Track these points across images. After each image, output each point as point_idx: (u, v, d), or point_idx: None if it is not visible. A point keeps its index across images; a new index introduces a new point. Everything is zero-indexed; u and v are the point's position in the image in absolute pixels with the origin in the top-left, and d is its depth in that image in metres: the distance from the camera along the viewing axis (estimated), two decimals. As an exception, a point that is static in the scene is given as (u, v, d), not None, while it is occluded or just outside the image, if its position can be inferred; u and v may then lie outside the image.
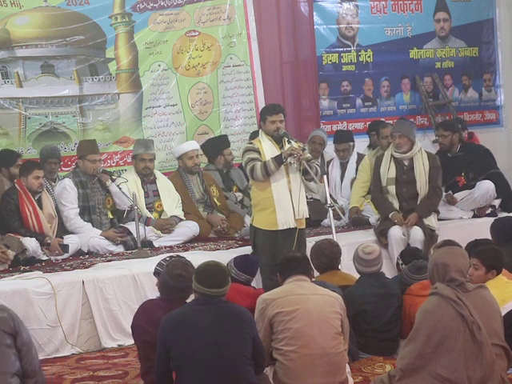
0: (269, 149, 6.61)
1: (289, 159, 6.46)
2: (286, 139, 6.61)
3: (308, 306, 4.59)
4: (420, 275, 5.59)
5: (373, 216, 8.05)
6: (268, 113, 6.68)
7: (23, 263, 6.85)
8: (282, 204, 6.54)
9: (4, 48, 8.02)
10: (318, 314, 4.59)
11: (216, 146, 8.56)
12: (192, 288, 4.41)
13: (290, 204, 6.55)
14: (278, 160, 6.48)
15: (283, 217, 6.54)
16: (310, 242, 6.60)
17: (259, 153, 6.59)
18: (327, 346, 4.55)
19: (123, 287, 6.54)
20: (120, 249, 7.49)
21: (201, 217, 8.08)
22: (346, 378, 4.71)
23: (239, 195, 8.46)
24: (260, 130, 6.81)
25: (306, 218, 6.78)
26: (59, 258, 7.14)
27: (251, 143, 6.77)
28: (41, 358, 6.06)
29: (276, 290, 4.77)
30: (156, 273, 5.21)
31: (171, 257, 5.30)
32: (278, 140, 6.65)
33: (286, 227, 6.55)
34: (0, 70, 8.03)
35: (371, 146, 8.90)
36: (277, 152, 6.56)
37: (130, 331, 6.20)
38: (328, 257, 5.73)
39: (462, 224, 8.21)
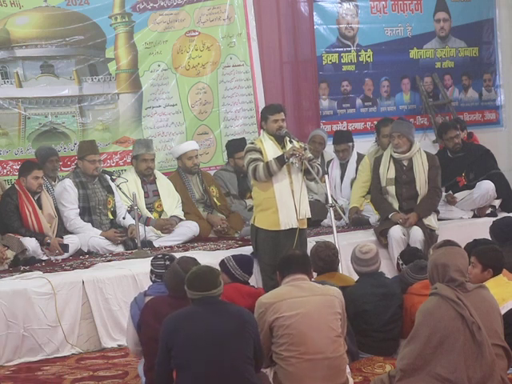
0: (271, 149, 6.60)
1: (291, 159, 6.46)
2: (288, 139, 6.61)
3: (308, 310, 4.55)
4: (422, 275, 5.57)
5: (373, 216, 8.05)
6: (270, 112, 6.67)
7: (23, 263, 6.85)
8: (285, 204, 6.54)
9: (4, 48, 8.02)
10: (318, 317, 4.56)
11: (230, 148, 8.55)
12: None
13: (293, 204, 6.54)
14: (281, 160, 6.47)
15: (286, 217, 6.54)
16: (310, 242, 6.61)
17: (261, 153, 6.59)
18: (327, 350, 4.53)
19: (123, 287, 6.54)
20: (120, 249, 7.50)
21: (201, 217, 8.08)
22: (347, 379, 4.69)
23: (250, 204, 8.28)
24: (262, 131, 6.80)
25: (308, 218, 6.78)
26: (59, 257, 7.14)
27: (253, 143, 6.76)
28: (41, 357, 6.11)
29: (274, 291, 4.73)
30: (160, 273, 5.20)
31: (164, 255, 5.30)
32: (279, 140, 6.65)
33: (288, 227, 6.54)
34: (0, 70, 8.03)
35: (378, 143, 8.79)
36: (279, 152, 6.56)
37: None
38: (324, 260, 5.70)
39: (462, 224, 8.21)
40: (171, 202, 7.99)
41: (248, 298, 5.30)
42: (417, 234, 7.49)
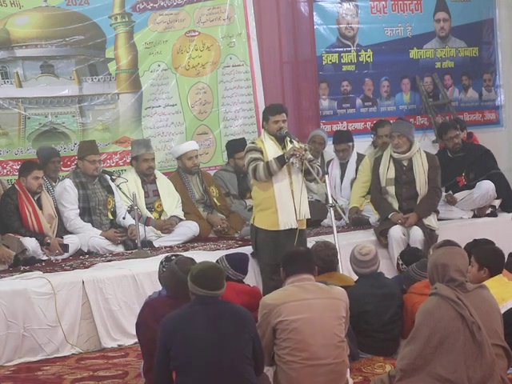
0: (271, 149, 6.60)
1: (291, 159, 6.46)
2: (289, 139, 6.61)
3: (311, 315, 4.51)
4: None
5: (373, 216, 8.04)
6: (271, 113, 6.67)
7: (23, 263, 6.85)
8: (284, 204, 6.54)
9: (4, 48, 8.01)
10: (322, 323, 4.52)
11: (230, 148, 8.55)
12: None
13: (292, 204, 6.54)
14: (281, 160, 6.47)
15: (285, 217, 6.54)
16: (310, 242, 6.60)
17: (261, 153, 6.59)
18: (330, 356, 4.51)
19: (123, 287, 6.54)
20: (120, 249, 7.49)
21: (201, 217, 8.08)
22: (347, 381, 4.68)
23: (250, 204, 8.21)
24: (263, 130, 6.81)
25: (307, 219, 6.78)
26: (59, 257, 7.14)
27: (253, 143, 6.76)
28: (41, 358, 6.11)
29: (279, 292, 4.68)
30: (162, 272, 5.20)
31: (167, 256, 5.31)
32: (280, 140, 6.65)
33: (287, 227, 6.54)
34: (0, 70, 8.03)
35: (374, 145, 8.82)
36: (279, 152, 6.56)
37: (130, 331, 6.24)
38: (323, 260, 5.69)
39: (462, 224, 8.21)
40: (171, 201, 7.98)
41: (243, 296, 5.32)
42: (417, 233, 7.49)
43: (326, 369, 4.50)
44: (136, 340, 5.53)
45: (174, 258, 5.24)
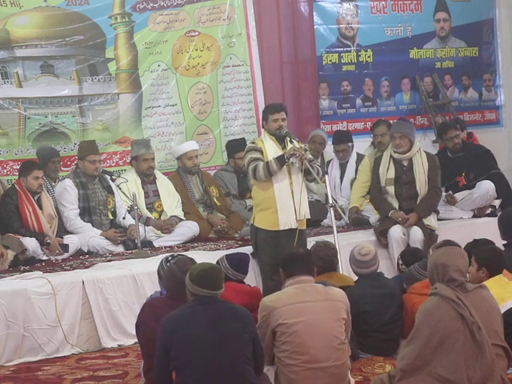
0: (271, 148, 6.60)
1: (291, 159, 6.46)
2: (289, 139, 6.61)
3: (311, 318, 4.50)
4: None
5: (373, 216, 8.04)
6: (270, 111, 6.68)
7: (23, 263, 6.85)
8: (284, 204, 6.53)
9: (4, 48, 8.02)
10: (322, 326, 4.51)
11: (230, 148, 8.55)
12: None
13: (292, 205, 6.54)
14: (281, 160, 6.47)
15: (285, 217, 6.54)
16: (310, 242, 6.60)
17: (262, 153, 6.59)
18: (330, 358, 4.50)
19: (123, 287, 6.54)
20: (120, 249, 7.50)
21: (201, 217, 8.08)
22: (349, 382, 4.67)
23: (250, 204, 8.17)
24: (263, 130, 6.81)
25: (307, 219, 6.77)
26: (59, 257, 7.14)
27: (253, 143, 6.76)
28: (41, 358, 6.11)
29: (279, 294, 4.67)
30: (160, 271, 5.19)
31: (173, 255, 5.30)
32: (280, 140, 6.64)
33: (287, 227, 6.54)
34: (0, 70, 8.03)
35: (374, 145, 8.83)
36: (279, 152, 6.56)
37: (130, 331, 6.25)
38: (323, 260, 5.68)
39: (462, 224, 8.21)
40: (171, 201, 7.99)
41: (243, 296, 5.31)
42: (417, 233, 7.49)
43: (326, 372, 4.49)
44: (136, 340, 5.53)
45: (168, 260, 5.24)
